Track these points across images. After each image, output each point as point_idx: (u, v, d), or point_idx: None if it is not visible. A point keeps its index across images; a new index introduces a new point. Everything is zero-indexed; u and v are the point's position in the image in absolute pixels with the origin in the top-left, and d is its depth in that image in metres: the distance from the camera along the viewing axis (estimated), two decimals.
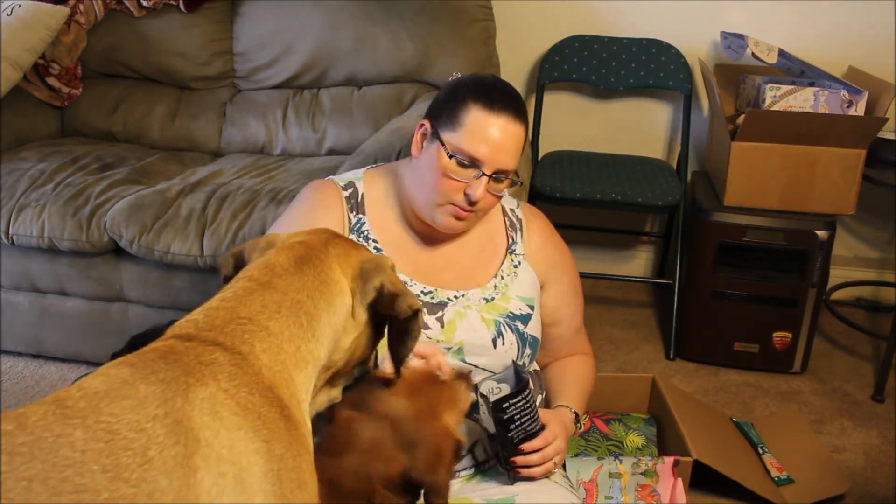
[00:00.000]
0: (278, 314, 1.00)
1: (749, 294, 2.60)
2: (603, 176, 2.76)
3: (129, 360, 0.91)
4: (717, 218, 2.57)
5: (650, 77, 2.97)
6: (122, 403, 0.83)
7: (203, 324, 0.98)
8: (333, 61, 2.83)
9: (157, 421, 0.83)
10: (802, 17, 2.89)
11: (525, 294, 1.53)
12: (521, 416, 1.36)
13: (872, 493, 2.12)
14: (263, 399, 0.92)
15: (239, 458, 0.86)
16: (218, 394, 0.89)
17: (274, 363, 0.97)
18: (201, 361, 0.92)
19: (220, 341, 0.95)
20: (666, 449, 2.08)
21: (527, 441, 1.38)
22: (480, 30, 2.81)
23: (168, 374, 0.88)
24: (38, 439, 0.77)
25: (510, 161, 1.39)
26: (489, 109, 1.37)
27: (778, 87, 2.56)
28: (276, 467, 0.89)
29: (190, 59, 2.89)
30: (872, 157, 2.56)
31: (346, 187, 1.54)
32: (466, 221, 1.44)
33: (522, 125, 1.41)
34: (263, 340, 0.98)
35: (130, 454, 0.79)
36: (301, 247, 1.09)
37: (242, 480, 0.86)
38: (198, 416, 0.86)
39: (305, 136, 2.81)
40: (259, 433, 0.89)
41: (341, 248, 1.12)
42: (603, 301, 3.10)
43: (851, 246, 3.13)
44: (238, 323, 0.98)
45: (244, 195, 2.31)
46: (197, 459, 0.83)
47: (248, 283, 1.04)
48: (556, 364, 1.65)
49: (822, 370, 2.69)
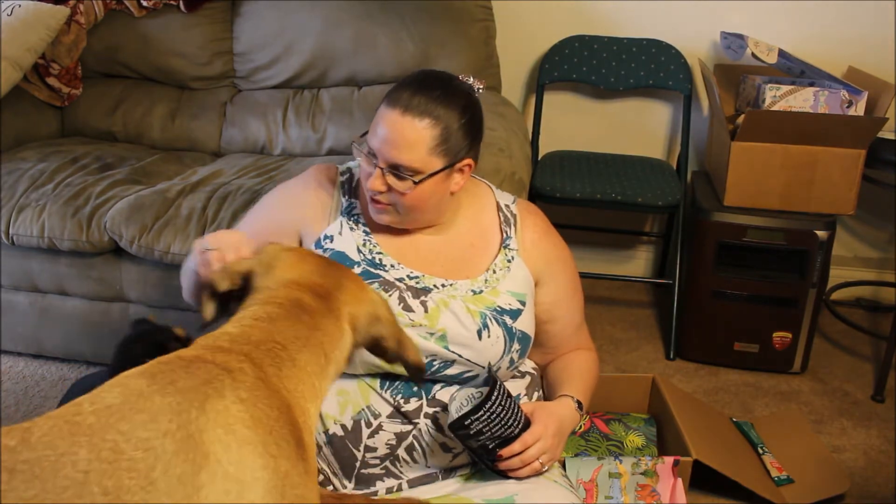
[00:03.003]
0: (305, 349, 1.05)
1: (749, 294, 2.60)
2: (603, 176, 2.76)
3: (149, 370, 0.90)
4: (717, 218, 2.57)
5: (650, 77, 2.97)
6: (133, 419, 0.82)
7: (239, 338, 1.01)
8: (333, 61, 2.83)
9: (168, 436, 0.82)
10: (802, 17, 2.89)
11: (516, 290, 1.52)
12: (490, 426, 1.35)
13: (872, 493, 2.12)
14: (279, 415, 0.93)
15: (244, 474, 0.85)
16: (234, 405, 0.89)
17: (294, 389, 1.00)
18: (226, 368, 0.92)
19: (252, 356, 0.98)
20: (666, 449, 2.08)
21: (503, 447, 1.38)
22: (480, 30, 2.81)
23: (187, 382, 0.88)
24: (41, 457, 0.76)
25: (401, 156, 1.38)
26: (387, 103, 1.40)
27: (778, 87, 2.56)
28: (279, 484, 0.88)
29: (190, 59, 2.89)
30: (872, 157, 2.56)
31: (344, 172, 1.60)
32: (391, 215, 1.46)
33: (418, 119, 1.37)
34: (290, 368, 1.01)
35: (134, 476, 0.78)
36: (322, 289, 1.15)
37: (244, 497, 0.85)
38: (211, 429, 0.85)
39: (305, 136, 2.81)
40: (268, 449, 0.89)
41: (349, 294, 1.18)
42: (603, 301, 3.10)
43: (851, 246, 3.13)
44: (273, 345, 1.01)
45: (244, 195, 2.31)
46: (203, 476, 0.82)
47: (280, 311, 1.08)
48: (558, 360, 1.65)
49: (822, 370, 2.69)
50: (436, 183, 1.42)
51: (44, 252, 2.35)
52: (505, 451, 1.38)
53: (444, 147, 1.39)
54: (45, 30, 2.65)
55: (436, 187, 1.42)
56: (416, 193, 1.41)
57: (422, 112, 1.37)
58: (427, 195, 1.42)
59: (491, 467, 1.42)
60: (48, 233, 2.28)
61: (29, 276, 2.41)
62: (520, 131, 2.57)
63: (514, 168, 2.27)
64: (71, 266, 2.37)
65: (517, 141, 2.45)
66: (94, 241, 2.28)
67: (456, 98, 1.41)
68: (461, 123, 1.40)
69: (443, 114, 1.38)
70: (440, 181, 1.42)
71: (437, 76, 1.45)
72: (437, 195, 1.44)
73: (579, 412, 1.53)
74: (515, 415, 1.38)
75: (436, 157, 1.39)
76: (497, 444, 1.37)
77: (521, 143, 2.49)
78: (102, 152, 2.66)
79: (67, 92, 2.89)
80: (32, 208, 2.31)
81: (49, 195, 2.35)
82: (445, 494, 1.44)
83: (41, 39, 2.66)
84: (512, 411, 1.37)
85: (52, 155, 2.59)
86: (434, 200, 1.45)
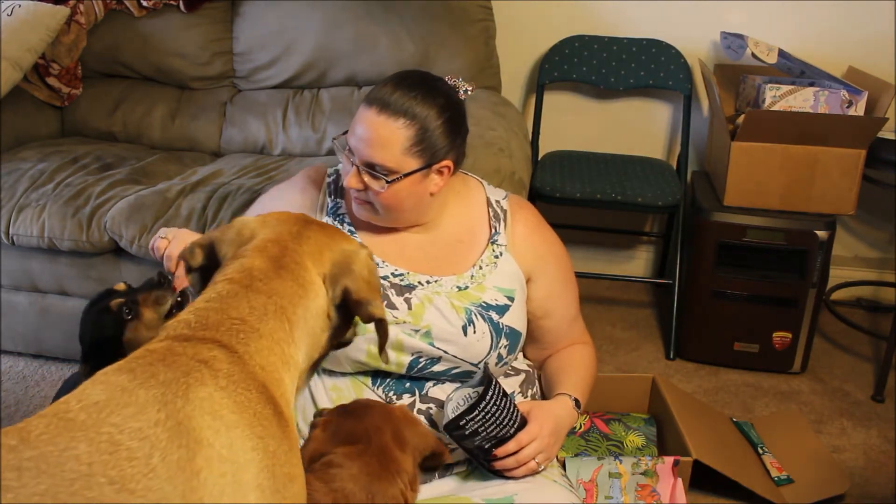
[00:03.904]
0: (266, 317, 1.02)
1: (749, 294, 2.60)
2: (603, 176, 2.76)
3: (126, 366, 0.91)
4: (717, 218, 2.57)
5: (650, 77, 2.97)
6: (123, 412, 0.84)
7: (196, 324, 0.99)
8: (333, 61, 2.83)
9: (160, 426, 0.84)
10: (802, 17, 2.89)
11: (504, 285, 1.51)
12: (485, 426, 1.35)
13: (872, 493, 2.12)
14: (259, 396, 0.94)
15: (237, 456, 0.87)
16: (216, 392, 0.90)
17: (266, 363, 0.99)
18: (200, 359, 0.93)
19: (217, 339, 0.97)
20: (666, 449, 2.08)
21: (499, 446, 1.38)
22: (480, 30, 2.81)
23: (168, 375, 0.89)
24: (44, 454, 0.78)
25: (375, 155, 1.38)
26: (366, 102, 1.41)
27: (778, 87, 2.56)
28: (269, 463, 0.91)
29: (190, 59, 2.89)
30: (872, 157, 2.55)
31: (331, 174, 1.61)
32: (370, 213, 1.47)
33: (392, 119, 1.37)
34: (256, 341, 0.99)
35: (135, 464, 0.80)
36: (274, 247, 1.10)
37: (240, 478, 0.87)
38: (199, 416, 0.87)
39: (305, 136, 2.81)
40: (255, 430, 0.91)
41: (313, 243, 1.12)
42: (603, 301, 3.09)
43: (851, 246, 3.13)
44: (232, 323, 0.99)
45: (244, 195, 2.31)
46: (199, 461, 0.84)
47: (230, 286, 1.04)
48: (555, 356, 1.65)
49: (822, 370, 2.69)
50: (412, 183, 1.41)
51: (44, 252, 2.35)
52: (500, 450, 1.38)
53: (420, 148, 1.39)
54: (45, 30, 2.65)
55: (412, 188, 1.42)
56: (391, 193, 1.41)
57: (397, 112, 1.38)
58: (403, 195, 1.42)
59: (487, 467, 1.42)
60: (48, 233, 2.28)
61: (29, 276, 2.41)
62: (520, 131, 2.57)
63: (514, 168, 2.28)
64: (71, 266, 2.37)
65: (517, 141, 2.45)
66: (94, 241, 2.28)
67: (434, 98, 1.40)
68: (438, 124, 1.40)
69: (419, 114, 1.38)
70: (416, 182, 1.42)
71: (417, 76, 1.45)
72: (414, 196, 1.44)
73: (577, 410, 1.53)
74: (511, 414, 1.38)
75: (411, 157, 1.39)
76: (493, 444, 1.37)
77: (521, 143, 2.49)
78: (102, 152, 2.66)
79: (67, 92, 2.89)
80: (32, 208, 2.31)
81: (49, 195, 2.35)
82: (444, 494, 1.44)
83: (41, 39, 2.65)
84: (508, 411, 1.37)
85: (52, 155, 2.59)
86: (411, 201, 1.44)
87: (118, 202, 2.32)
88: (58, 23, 2.69)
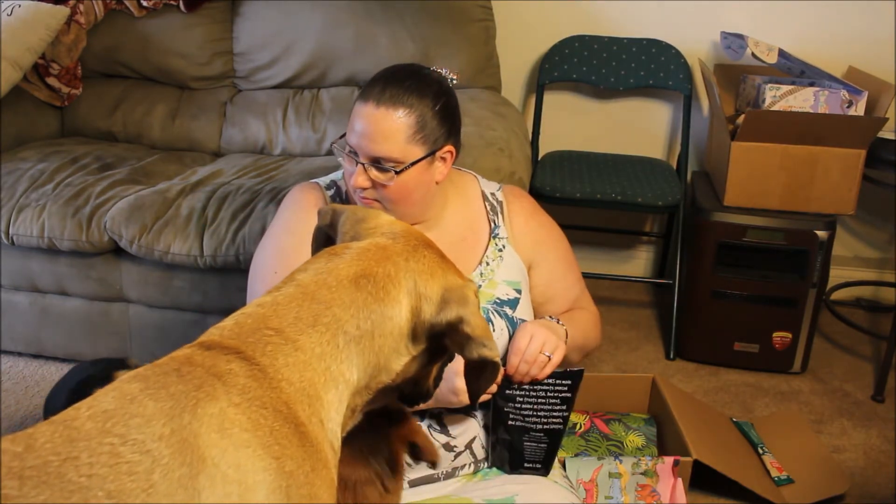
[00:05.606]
0: (312, 329, 0.95)
1: (749, 294, 2.60)
2: (603, 176, 2.76)
3: (142, 374, 0.89)
4: (717, 218, 2.57)
5: (650, 77, 2.97)
6: (129, 423, 0.82)
7: (229, 331, 0.95)
8: (333, 61, 2.83)
9: (163, 441, 0.82)
10: (802, 17, 2.89)
11: (512, 278, 1.52)
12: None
13: (872, 493, 2.12)
14: (277, 414, 0.89)
15: (245, 477, 0.85)
16: (229, 409, 0.87)
17: (299, 379, 0.93)
18: (215, 372, 0.89)
19: (241, 350, 0.92)
20: (666, 449, 2.08)
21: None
22: (480, 30, 2.81)
23: (179, 387, 0.86)
24: (46, 463, 0.77)
25: (379, 148, 1.38)
26: (361, 99, 1.41)
27: (778, 87, 2.56)
28: (284, 484, 0.87)
29: (190, 59, 2.89)
30: (872, 157, 2.56)
31: (329, 187, 1.58)
32: (384, 209, 1.45)
33: (392, 110, 1.38)
34: (289, 355, 0.93)
35: (135, 479, 0.78)
36: (376, 253, 1.02)
37: (247, 500, 0.84)
38: (205, 433, 0.84)
39: (305, 136, 2.81)
40: (270, 450, 0.87)
41: (425, 265, 1.03)
42: (603, 301, 3.09)
43: (851, 246, 3.13)
44: (263, 333, 0.94)
45: (244, 195, 2.31)
46: (202, 480, 0.82)
47: (293, 290, 0.98)
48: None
49: (822, 370, 2.69)
50: (419, 172, 1.42)
51: (44, 252, 2.35)
52: (508, 367, 1.39)
53: (422, 135, 1.40)
54: (45, 30, 2.65)
55: (419, 177, 1.42)
56: (400, 185, 1.41)
57: (395, 102, 1.38)
58: (411, 186, 1.42)
59: (505, 430, 1.44)
60: (48, 233, 2.28)
61: (29, 276, 2.41)
62: (520, 131, 2.57)
63: (514, 168, 2.28)
64: (71, 266, 2.37)
65: (517, 141, 2.45)
66: (94, 241, 2.28)
67: (427, 86, 1.42)
68: (435, 110, 1.41)
69: (416, 102, 1.39)
70: (422, 170, 1.42)
71: (406, 68, 1.46)
72: (421, 185, 1.44)
73: (561, 326, 1.49)
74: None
75: (414, 145, 1.40)
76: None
77: (521, 143, 2.49)
78: (102, 152, 2.66)
79: (67, 92, 2.89)
80: (32, 208, 2.31)
81: (49, 195, 2.35)
82: (446, 494, 1.44)
83: (41, 39, 2.65)
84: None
85: (52, 155, 2.59)
86: (420, 192, 1.44)
87: (118, 202, 2.32)
88: (58, 23, 2.69)
